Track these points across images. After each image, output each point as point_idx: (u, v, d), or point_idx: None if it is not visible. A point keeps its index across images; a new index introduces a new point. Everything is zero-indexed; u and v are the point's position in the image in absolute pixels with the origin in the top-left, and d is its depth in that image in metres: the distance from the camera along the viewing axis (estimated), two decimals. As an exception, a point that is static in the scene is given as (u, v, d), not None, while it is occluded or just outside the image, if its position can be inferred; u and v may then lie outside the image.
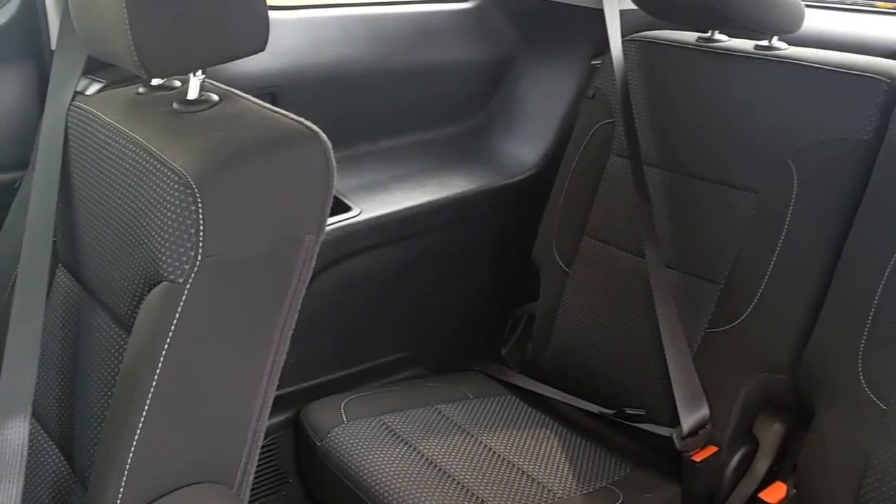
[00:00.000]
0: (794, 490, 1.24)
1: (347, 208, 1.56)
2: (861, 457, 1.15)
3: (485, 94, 1.84)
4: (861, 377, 1.17)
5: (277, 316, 0.90)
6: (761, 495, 1.25)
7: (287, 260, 0.88)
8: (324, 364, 1.61)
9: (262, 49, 0.95)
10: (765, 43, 1.42)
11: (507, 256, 1.82)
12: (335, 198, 1.55)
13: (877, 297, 1.17)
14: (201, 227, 0.82)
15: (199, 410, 0.87)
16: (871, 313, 1.17)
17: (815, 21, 1.54)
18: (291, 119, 0.91)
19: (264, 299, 0.88)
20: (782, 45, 1.41)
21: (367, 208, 1.57)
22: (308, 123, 0.90)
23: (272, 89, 1.52)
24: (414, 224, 1.64)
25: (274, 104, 0.96)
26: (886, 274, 1.16)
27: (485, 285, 1.84)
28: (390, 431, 1.39)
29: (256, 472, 1.51)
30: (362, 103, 1.66)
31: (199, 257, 0.82)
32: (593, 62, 1.76)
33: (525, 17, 1.84)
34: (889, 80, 1.24)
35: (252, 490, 1.51)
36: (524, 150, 1.82)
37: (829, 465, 1.19)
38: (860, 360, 1.17)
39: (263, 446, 1.50)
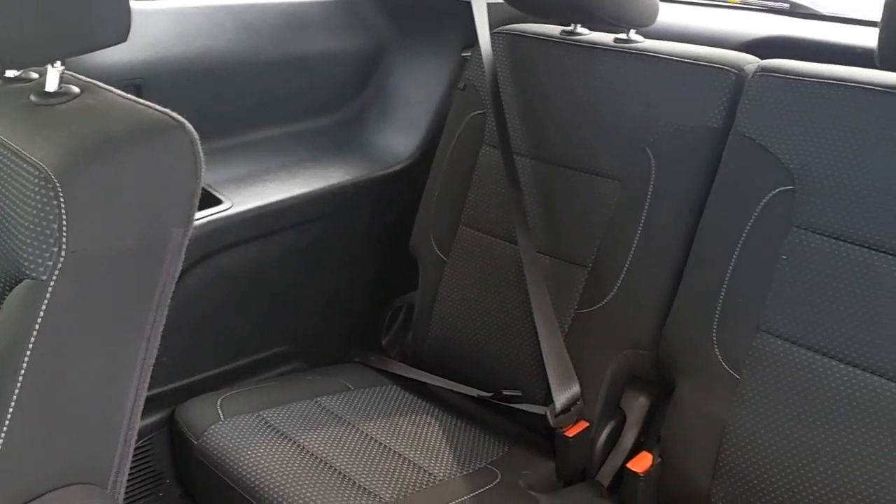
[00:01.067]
0: (660, 459, 1.31)
1: (218, 201, 1.53)
2: (718, 424, 1.23)
3: (357, 85, 1.85)
4: (716, 350, 1.25)
5: (147, 312, 0.88)
6: (629, 465, 1.31)
7: (155, 254, 0.86)
8: (199, 362, 1.58)
9: (124, 39, 0.92)
10: (623, 36, 1.48)
11: (385, 247, 1.83)
12: (205, 191, 1.54)
13: (728, 275, 1.25)
14: (64, 222, 0.79)
15: (67, 411, 0.84)
16: (724, 290, 1.25)
17: (670, 15, 1.63)
18: (156, 110, 0.89)
19: (132, 295, 0.86)
20: (639, 38, 1.48)
21: (239, 201, 1.55)
22: (173, 114, 0.88)
23: (136, 81, 1.47)
24: (288, 216, 1.63)
25: (138, 97, 0.93)
26: (736, 253, 1.25)
27: (363, 277, 1.85)
28: (269, 426, 1.38)
29: (132, 474, 1.48)
30: (231, 95, 1.63)
31: (63, 253, 0.80)
32: (463, 54, 1.80)
33: (395, 8, 1.86)
34: (737, 71, 1.33)
35: (128, 493, 1.48)
36: (399, 140, 1.83)
37: (689, 433, 1.27)
38: (715, 334, 1.26)
39: (137, 447, 1.47)
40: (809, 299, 1.18)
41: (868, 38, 1.42)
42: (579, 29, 1.55)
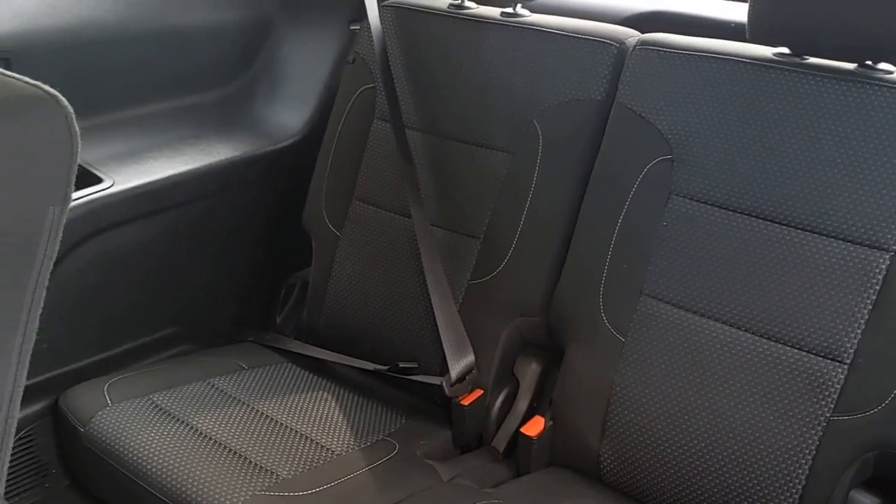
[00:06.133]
0: (552, 422, 1.35)
1: (98, 180, 1.47)
2: (606, 385, 1.28)
3: (244, 59, 1.80)
4: (603, 314, 1.30)
5: (23, 295, 0.83)
6: (523, 430, 1.35)
7: (30, 234, 0.82)
8: (84, 347, 1.52)
9: (-14, 8, 0.87)
10: (510, 10, 1.50)
11: (277, 223, 1.81)
12: (85, 169, 1.48)
13: (612, 242, 1.30)
14: (-74, 202, 0.75)
15: (-64, 401, 0.80)
16: (609, 257, 1.30)
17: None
18: (27, 83, 0.84)
19: (7, 277, 0.82)
20: (525, 12, 1.51)
21: (121, 180, 1.49)
22: (45, 87, 0.84)
23: (4, 55, 1.39)
24: (174, 194, 1.58)
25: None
26: (620, 220, 1.29)
27: (255, 254, 1.81)
28: (159, 410, 1.34)
29: (14, 466, 1.42)
30: (109, 69, 1.56)
31: (-73, 235, 0.75)
32: (352, 27, 1.78)
33: (281, -20, 1.82)
34: (618, 45, 1.36)
35: (11, 485, 1.42)
36: (288, 115, 1.80)
37: (579, 395, 1.31)
38: (601, 299, 1.30)
39: (19, 438, 1.41)
40: (688, 263, 1.23)
41: (740, 14, 1.49)
42: (467, 3, 1.56)
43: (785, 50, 1.23)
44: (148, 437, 1.27)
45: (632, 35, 1.39)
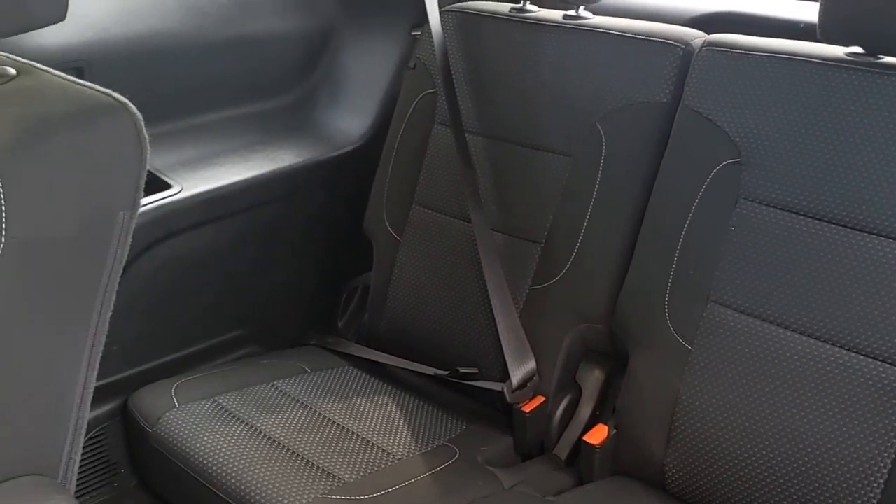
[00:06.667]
0: (615, 430, 1.32)
1: (167, 186, 1.50)
2: (671, 394, 1.25)
3: (307, 67, 1.82)
4: (668, 322, 1.27)
5: (93, 298, 0.86)
6: (585, 438, 1.33)
7: (100, 238, 0.85)
8: (151, 349, 1.56)
9: (62, 18, 0.90)
10: (572, 13, 1.49)
11: (339, 228, 1.82)
12: (154, 175, 1.51)
13: (678, 248, 1.27)
14: (3, 208, 0.77)
15: (11, 401, 0.82)
16: (674, 263, 1.27)
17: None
18: (98, 91, 0.87)
19: (78, 281, 0.84)
20: (588, 14, 1.49)
21: (189, 185, 1.53)
22: (116, 95, 0.86)
23: (77, 64, 1.44)
24: (240, 199, 1.61)
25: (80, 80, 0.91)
26: (685, 226, 1.27)
27: (318, 258, 1.83)
28: (225, 411, 1.36)
29: (85, 465, 1.46)
30: (178, 77, 1.60)
31: (3, 239, 0.78)
32: (413, 33, 1.79)
33: (343, -12, 1.84)
34: (684, 46, 1.34)
35: (82, 484, 1.46)
36: (350, 121, 1.82)
37: (643, 403, 1.29)
38: (666, 307, 1.27)
39: (90, 437, 1.45)
40: (757, 269, 1.20)
41: (810, 13, 1.45)
42: (528, 6, 1.55)
43: (858, 49, 1.19)
44: (213, 438, 1.29)
45: (697, 36, 1.36)
